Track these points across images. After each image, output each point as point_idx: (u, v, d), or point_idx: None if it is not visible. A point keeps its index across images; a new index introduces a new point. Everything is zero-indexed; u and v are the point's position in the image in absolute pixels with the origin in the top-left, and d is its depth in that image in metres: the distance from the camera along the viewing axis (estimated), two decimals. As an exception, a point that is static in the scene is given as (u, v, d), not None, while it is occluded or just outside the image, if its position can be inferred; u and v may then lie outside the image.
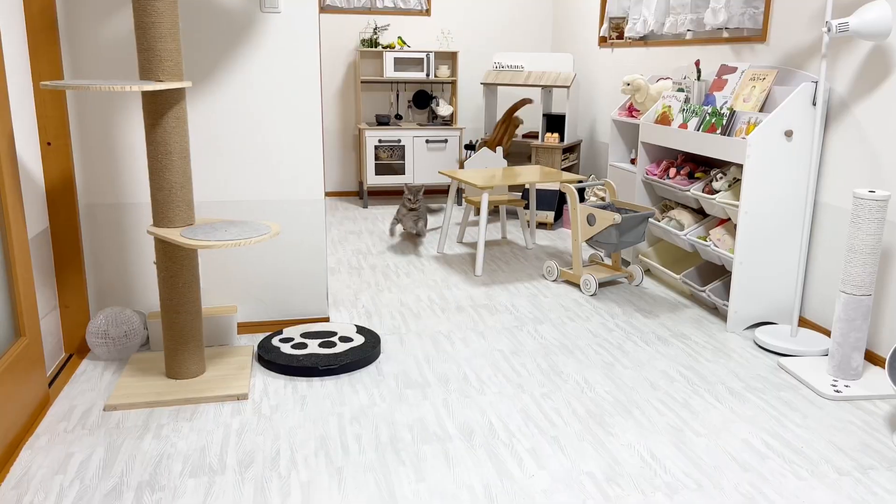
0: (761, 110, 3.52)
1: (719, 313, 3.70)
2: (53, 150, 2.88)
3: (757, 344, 3.30)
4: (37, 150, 2.82)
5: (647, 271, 4.40)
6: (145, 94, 2.53)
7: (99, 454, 2.30)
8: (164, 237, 2.55)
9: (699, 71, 3.96)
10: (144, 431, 2.44)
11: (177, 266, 2.68)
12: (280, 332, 3.22)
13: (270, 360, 2.94)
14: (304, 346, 3.08)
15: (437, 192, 6.90)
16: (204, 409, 2.61)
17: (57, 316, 2.98)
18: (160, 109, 2.53)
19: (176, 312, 2.72)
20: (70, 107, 2.94)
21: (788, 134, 3.27)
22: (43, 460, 2.26)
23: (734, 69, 3.79)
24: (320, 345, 3.09)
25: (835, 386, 2.82)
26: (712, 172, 3.74)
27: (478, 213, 5.97)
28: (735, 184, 3.56)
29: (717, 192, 3.62)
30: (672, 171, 4.00)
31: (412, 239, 5.13)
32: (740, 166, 3.56)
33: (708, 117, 3.67)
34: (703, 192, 3.72)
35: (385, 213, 6.01)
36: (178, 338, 2.74)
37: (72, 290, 3.03)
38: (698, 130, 3.71)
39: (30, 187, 2.73)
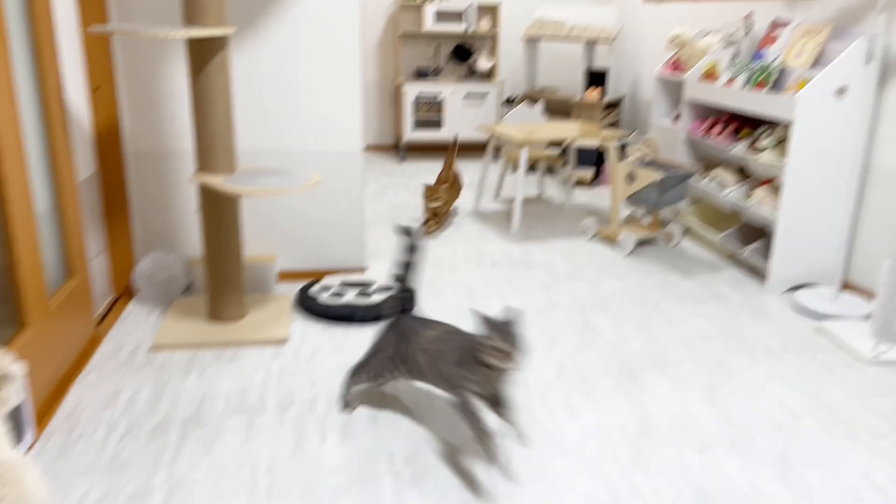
0: (813, 67, 3.40)
1: (759, 275, 3.65)
2: (100, 96, 2.93)
3: (797, 306, 3.25)
4: (85, 95, 2.87)
5: (687, 231, 4.34)
6: (190, 41, 2.55)
7: (146, 391, 2.39)
8: (208, 184, 2.59)
9: (749, 25, 3.84)
10: (188, 371, 2.53)
11: (219, 213, 2.73)
12: (318, 281, 3.27)
13: (309, 307, 3.00)
14: (341, 295, 3.13)
15: (474, 148, 6.86)
16: (245, 352, 2.68)
17: (105, 259, 3.07)
18: (204, 56, 2.55)
19: (218, 258, 2.78)
20: (116, 53, 2.98)
21: (841, 91, 3.16)
22: (93, 395, 2.36)
23: (786, 23, 3.66)
24: (357, 294, 3.14)
25: (875, 350, 2.78)
26: (758, 131, 3.65)
27: (516, 169, 5.94)
28: (782, 143, 3.48)
29: (763, 150, 3.53)
30: (716, 129, 3.92)
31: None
32: (788, 125, 3.47)
33: (756, 73, 3.56)
34: (747, 150, 3.64)
35: (423, 169, 6.00)
36: (220, 283, 2.81)
37: (119, 235, 3.11)
38: (746, 87, 3.61)
39: (78, 132, 2.79)
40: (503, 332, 1.77)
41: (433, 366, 2.01)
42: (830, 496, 1.95)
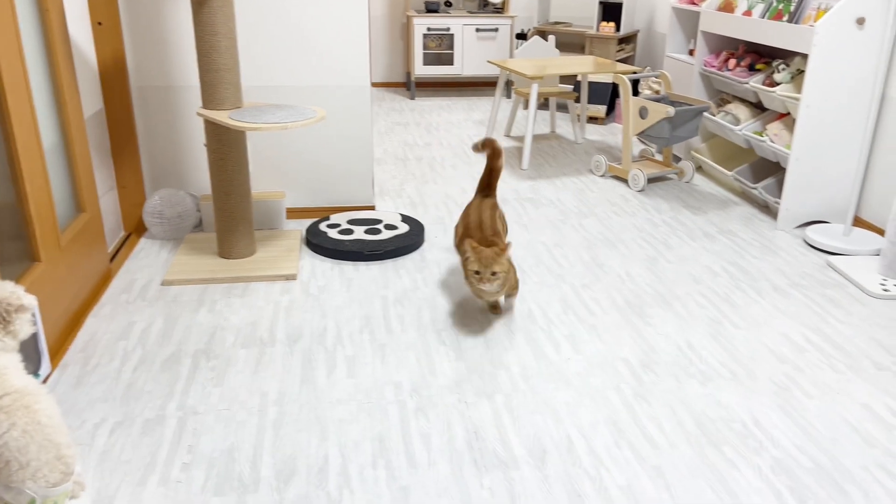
0: (834, -4, 3.29)
1: (770, 211, 3.62)
2: (104, 31, 2.90)
3: (807, 242, 3.23)
4: (88, 30, 2.84)
5: (699, 168, 4.29)
6: (191, -28, 2.50)
7: (158, 324, 2.44)
8: (213, 119, 2.58)
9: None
10: (199, 305, 2.58)
11: (226, 148, 2.72)
12: (327, 219, 3.29)
13: (318, 244, 3.02)
14: (350, 232, 3.15)
15: (485, 84, 6.75)
16: (255, 288, 2.72)
17: (115, 196, 3.09)
18: (206, -12, 2.50)
19: (226, 194, 2.79)
20: (118, -14, 2.93)
21: (860, 21, 3.06)
22: (107, 327, 2.41)
23: (808, -50, 3.52)
24: (366, 231, 3.16)
25: (883, 285, 2.77)
26: (774, 63, 3.56)
27: (527, 105, 5.85)
28: (798, 75, 3.39)
29: (779, 84, 3.45)
30: (732, 62, 3.82)
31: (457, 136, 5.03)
32: (805, 57, 3.38)
33: (774, 3, 3.45)
34: (763, 84, 3.56)
35: (433, 106, 5.93)
36: (229, 219, 2.83)
37: (128, 171, 3.13)
38: (763, 18, 3.50)
39: (83, 67, 2.78)
40: None
41: None
42: (828, 425, 1.98)
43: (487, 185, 2.79)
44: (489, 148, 2.79)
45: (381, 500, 1.69)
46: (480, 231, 2.55)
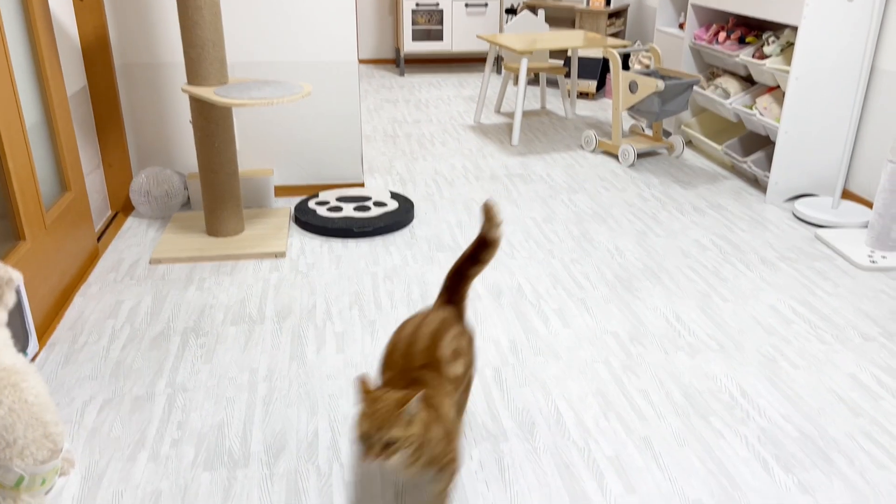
0: (824, -33, 3.26)
1: (760, 185, 3.62)
2: (86, 6, 2.85)
3: (796, 216, 3.24)
4: (69, 6, 2.79)
5: (689, 142, 4.28)
6: (172, -55, 2.46)
7: (147, 302, 2.43)
8: (199, 95, 2.56)
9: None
10: (188, 283, 2.57)
11: (212, 126, 2.70)
12: (316, 196, 3.27)
13: (307, 221, 3.01)
14: (339, 209, 3.13)
15: (475, 60, 6.70)
16: (243, 265, 2.71)
17: (101, 174, 3.06)
18: (188, -39, 2.46)
19: (213, 172, 2.77)
20: (99, -40, 2.88)
21: (851, -8, 3.04)
22: (95, 306, 2.40)
23: (799, -79, 3.49)
24: (355, 208, 3.14)
25: (871, 257, 2.79)
26: (764, 36, 3.54)
27: (517, 81, 5.81)
28: (788, 48, 3.38)
29: (768, 57, 3.44)
30: (722, 35, 3.80)
31: (449, 123, 5.00)
32: (795, 29, 3.36)
33: (765, -25, 3.42)
34: (753, 57, 3.54)
35: (422, 82, 5.89)
36: (217, 197, 2.81)
37: (114, 150, 3.09)
38: (753, -10, 3.47)
39: (65, 44, 2.74)
40: None
41: None
42: (814, 395, 2.00)
43: (455, 287, 1.65)
44: (486, 224, 1.59)
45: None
46: (405, 360, 1.46)
